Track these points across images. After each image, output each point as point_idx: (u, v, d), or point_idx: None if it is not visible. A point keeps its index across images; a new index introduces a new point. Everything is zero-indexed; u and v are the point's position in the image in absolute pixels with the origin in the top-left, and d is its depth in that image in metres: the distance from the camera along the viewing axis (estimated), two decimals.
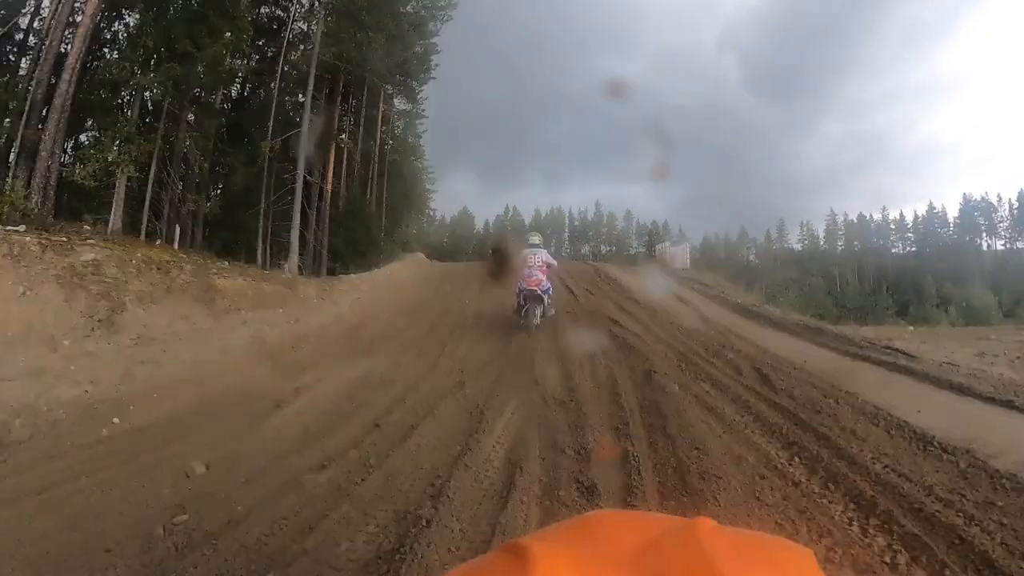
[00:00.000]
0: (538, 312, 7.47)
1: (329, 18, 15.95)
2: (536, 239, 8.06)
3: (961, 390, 4.39)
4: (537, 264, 7.66)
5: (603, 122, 61.26)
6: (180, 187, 14.10)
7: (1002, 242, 50.95)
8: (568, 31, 57.02)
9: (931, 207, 52.73)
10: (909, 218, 53.63)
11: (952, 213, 52.27)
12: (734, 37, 54.68)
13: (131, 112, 12.50)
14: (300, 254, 15.11)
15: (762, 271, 52.38)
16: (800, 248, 58.05)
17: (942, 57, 51.79)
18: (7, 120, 11.13)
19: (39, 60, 11.36)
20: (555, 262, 8.10)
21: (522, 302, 7.54)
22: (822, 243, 57.10)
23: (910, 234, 57.81)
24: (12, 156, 10.69)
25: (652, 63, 53.33)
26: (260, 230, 15.48)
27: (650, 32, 54.03)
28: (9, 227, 7.25)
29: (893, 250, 54.34)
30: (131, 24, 13.06)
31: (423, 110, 23.03)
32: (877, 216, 55.26)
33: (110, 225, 11.20)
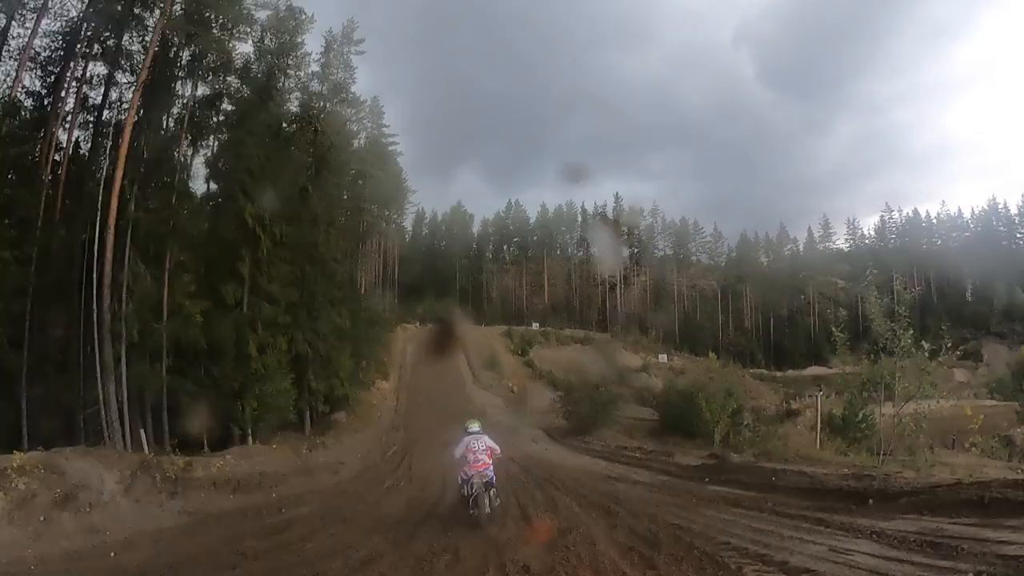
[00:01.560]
0: (486, 502, 7.27)
1: None
2: (476, 427, 7.93)
3: None
4: (481, 449, 7.53)
5: (618, 120, 60.12)
6: None
7: None
8: (586, 29, 55.55)
9: (992, 200, 47.38)
10: (967, 213, 48.02)
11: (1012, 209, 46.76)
12: (750, 32, 51.98)
13: None
14: None
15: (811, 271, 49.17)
16: (848, 248, 53.78)
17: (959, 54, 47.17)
18: None
19: None
20: (498, 448, 7.84)
21: (469, 490, 7.34)
22: (868, 240, 52.34)
23: (965, 232, 51.79)
24: None
25: (668, 60, 52.19)
26: None
27: (667, 28, 52.39)
28: None
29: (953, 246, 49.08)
30: None
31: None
32: (931, 210, 50.04)
33: None
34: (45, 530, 6.73)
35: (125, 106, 16.14)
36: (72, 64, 16.21)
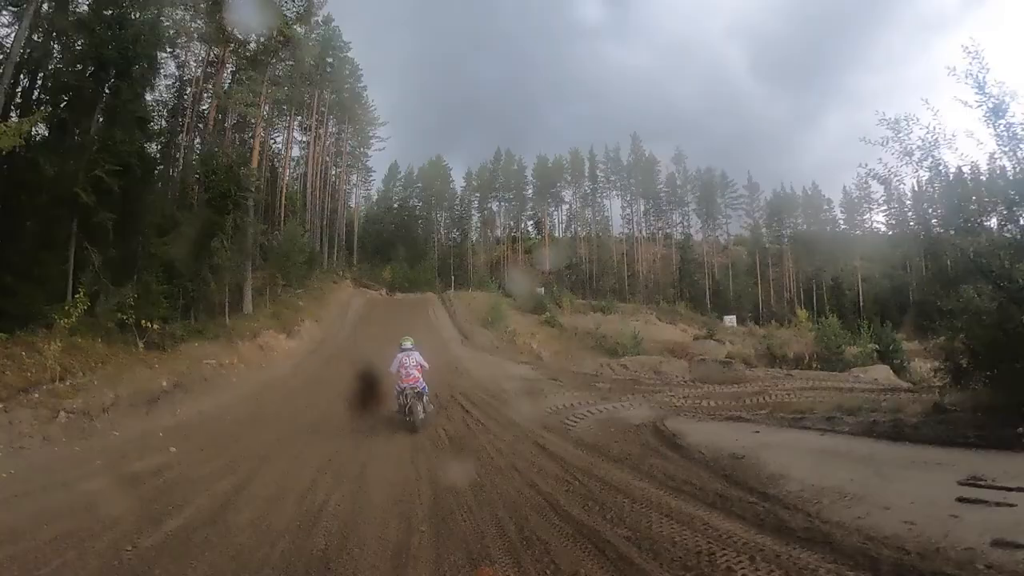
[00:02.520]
0: (420, 409, 8.32)
1: None
2: (409, 343, 8.88)
3: None
4: (413, 364, 8.56)
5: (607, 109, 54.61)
6: None
7: None
8: (577, 16, 50.25)
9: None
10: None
11: None
12: (741, 25, 47.83)
13: None
14: None
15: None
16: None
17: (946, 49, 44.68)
18: None
19: None
20: (426, 364, 8.83)
21: (403, 400, 8.36)
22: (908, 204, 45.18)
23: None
24: None
25: (659, 50, 47.83)
26: None
27: (658, 19, 47.86)
28: None
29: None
30: None
31: None
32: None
33: None
34: None
35: None
36: None
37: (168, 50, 21.67)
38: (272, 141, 30.05)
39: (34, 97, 14.44)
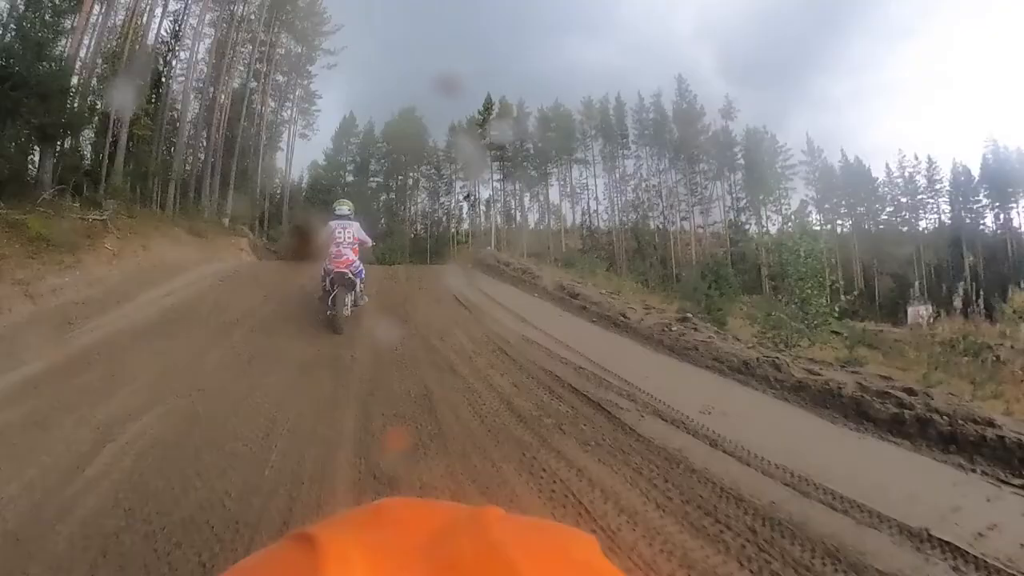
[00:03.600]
0: (348, 300, 6.28)
1: None
2: (346, 208, 6.63)
3: None
4: (347, 241, 6.33)
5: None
6: None
7: None
8: (546, 11, 44.77)
9: None
10: None
11: None
12: (710, 27, 44.41)
13: None
14: None
15: None
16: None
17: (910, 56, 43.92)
18: None
19: None
20: (368, 239, 6.69)
21: (328, 287, 6.22)
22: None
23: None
24: None
25: (629, 50, 42.73)
26: None
27: (629, 18, 44.05)
28: None
29: None
30: None
31: None
32: None
33: None
34: None
35: None
36: None
37: None
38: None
39: None
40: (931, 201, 35.34)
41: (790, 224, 31.40)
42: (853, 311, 25.27)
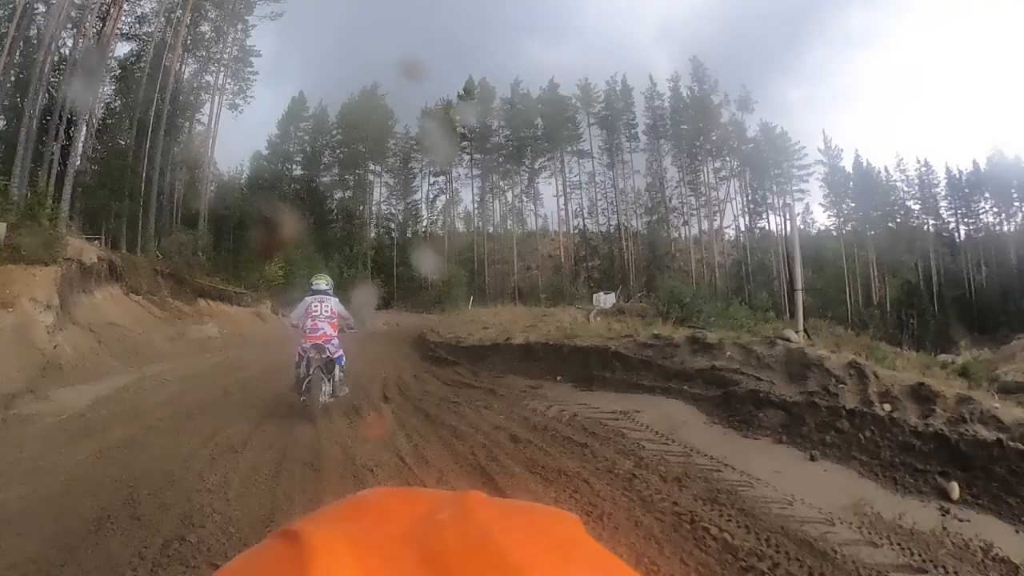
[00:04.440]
0: (324, 388, 5.11)
1: None
2: (323, 283, 5.73)
3: None
4: (325, 315, 5.39)
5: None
6: None
7: None
8: (507, 12, 43.73)
9: None
10: None
11: None
12: (672, 31, 45.36)
13: None
14: None
15: None
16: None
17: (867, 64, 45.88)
18: None
19: None
20: (349, 316, 5.79)
21: (303, 371, 5.13)
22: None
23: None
24: None
25: (591, 52, 40.38)
26: None
27: (591, 20, 43.08)
28: None
29: None
30: None
31: None
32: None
33: None
34: None
35: None
36: None
37: None
38: None
39: None
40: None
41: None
42: None
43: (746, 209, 26.79)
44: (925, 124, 48.53)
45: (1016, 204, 33.38)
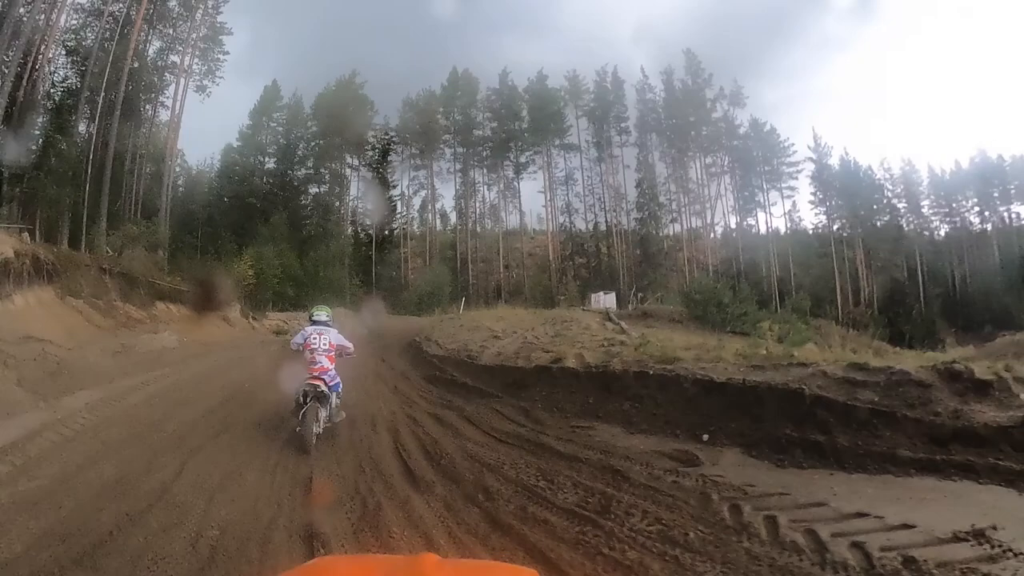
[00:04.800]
0: (321, 416, 5.24)
1: None
2: (324, 314, 5.92)
3: None
4: (323, 348, 5.58)
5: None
6: None
7: None
8: (485, 9, 41.66)
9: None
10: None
11: None
12: (649, 30, 43.41)
13: None
14: None
15: None
16: None
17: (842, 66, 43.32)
18: None
19: None
20: (350, 346, 5.86)
21: (301, 400, 5.28)
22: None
23: None
24: None
25: (568, 51, 39.49)
26: None
27: (568, 19, 41.40)
28: None
29: None
30: None
31: None
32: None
33: None
34: None
35: None
36: None
37: None
38: None
39: None
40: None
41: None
42: None
43: (736, 206, 26.34)
44: (909, 124, 48.98)
45: (998, 202, 33.82)
